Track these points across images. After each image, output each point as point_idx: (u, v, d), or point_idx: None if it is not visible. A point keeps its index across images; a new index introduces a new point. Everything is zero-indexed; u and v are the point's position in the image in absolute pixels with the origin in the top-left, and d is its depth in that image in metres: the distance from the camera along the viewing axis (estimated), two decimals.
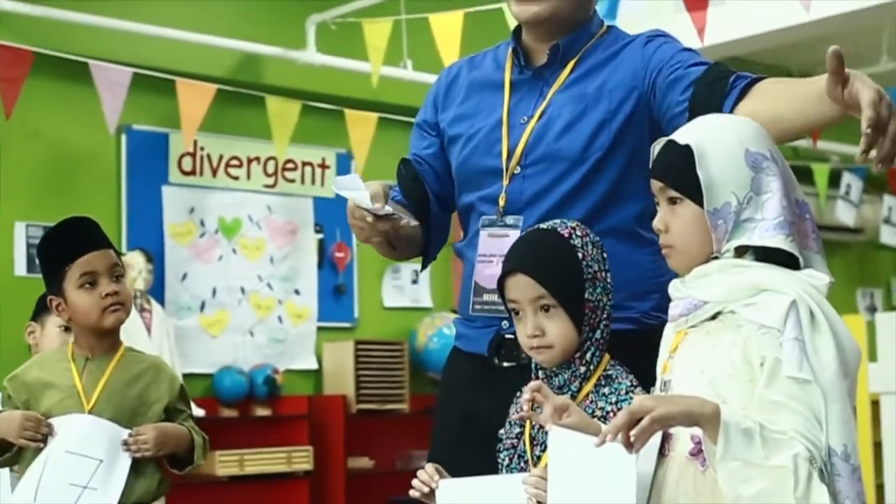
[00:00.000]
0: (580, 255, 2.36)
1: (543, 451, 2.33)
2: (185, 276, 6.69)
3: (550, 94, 2.65)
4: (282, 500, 6.64)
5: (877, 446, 5.52)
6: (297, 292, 7.10)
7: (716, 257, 2.18)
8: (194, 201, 6.75)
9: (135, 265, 6.11)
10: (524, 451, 2.40)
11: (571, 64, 2.66)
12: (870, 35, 7.79)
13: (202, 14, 6.66)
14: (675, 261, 2.23)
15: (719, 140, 2.18)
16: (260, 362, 6.84)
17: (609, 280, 2.40)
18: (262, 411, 6.80)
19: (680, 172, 2.18)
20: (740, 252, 2.16)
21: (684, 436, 2.11)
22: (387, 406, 7.01)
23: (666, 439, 2.14)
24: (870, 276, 10.47)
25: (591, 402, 2.34)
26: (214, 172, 6.83)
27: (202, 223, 6.78)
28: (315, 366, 7.12)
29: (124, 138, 6.48)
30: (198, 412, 5.50)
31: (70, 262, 2.95)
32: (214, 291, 6.79)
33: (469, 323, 2.71)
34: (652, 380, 2.29)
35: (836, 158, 9.07)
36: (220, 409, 6.65)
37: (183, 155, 6.69)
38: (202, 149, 6.73)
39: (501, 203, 2.64)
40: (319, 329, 7.16)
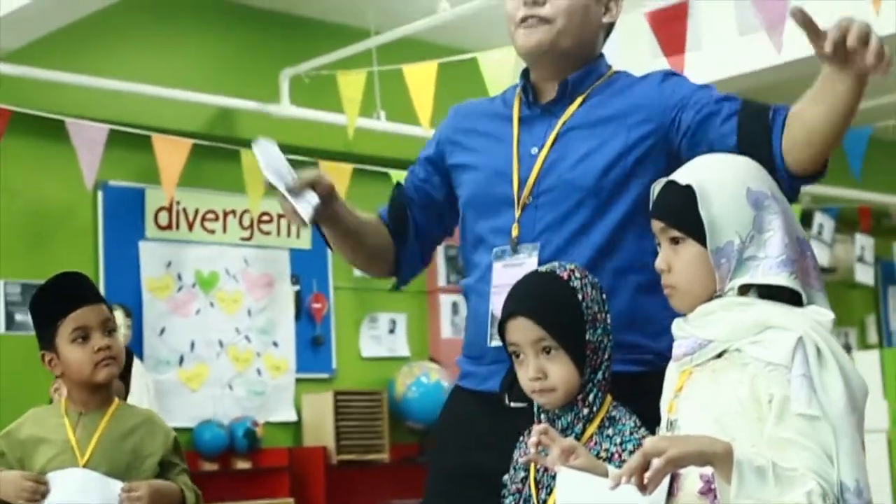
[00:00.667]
0: (580, 297, 2.36)
1: (549, 495, 2.33)
2: (164, 331, 6.70)
3: (559, 126, 2.66)
4: None
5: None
6: (276, 344, 7.11)
7: (719, 296, 2.19)
8: (171, 256, 6.77)
9: None
10: (529, 496, 2.39)
11: (580, 100, 2.67)
12: None
13: (177, 70, 6.72)
14: (678, 300, 2.24)
15: (720, 180, 2.19)
16: (239, 415, 6.85)
17: (609, 321, 2.40)
18: (243, 464, 6.79)
19: (682, 212, 2.19)
20: (743, 290, 2.17)
21: (693, 475, 2.11)
22: (367, 456, 7.01)
23: (674, 478, 2.14)
24: (844, 316, 10.53)
25: (596, 444, 2.33)
26: (191, 226, 6.85)
27: (179, 277, 6.80)
28: (294, 417, 7.13)
29: (101, 194, 6.51)
30: None
31: (63, 317, 2.96)
32: (193, 345, 6.80)
33: (477, 361, 2.68)
34: (659, 421, 2.29)
35: (808, 199, 9.18)
36: (201, 463, 6.64)
37: (159, 210, 6.71)
38: (178, 203, 6.76)
39: (514, 233, 2.64)
40: (298, 380, 7.17)
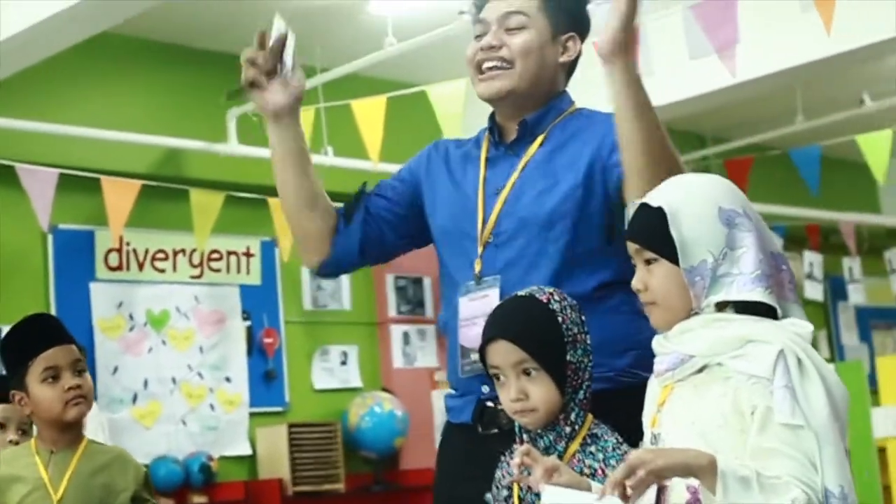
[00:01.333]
0: (560, 319, 2.40)
1: None
2: (117, 370, 6.74)
3: (521, 167, 2.77)
4: None
5: None
6: (228, 380, 7.16)
7: (696, 313, 2.23)
8: (122, 296, 6.82)
9: None
10: None
11: (541, 138, 2.77)
12: (784, 98, 8.08)
13: (124, 113, 6.76)
14: (658, 317, 2.28)
15: (691, 200, 2.24)
16: (194, 450, 6.88)
17: (588, 342, 2.44)
18: (199, 499, 6.81)
19: (654, 234, 2.24)
20: (720, 307, 2.21)
21: (679, 487, 2.14)
22: (323, 487, 7.05)
23: (661, 491, 2.16)
24: None
25: (579, 461, 2.37)
26: (141, 266, 6.91)
27: (131, 317, 6.84)
28: (249, 451, 7.17)
29: (51, 238, 6.54)
30: None
31: (33, 357, 3.01)
32: (146, 383, 6.84)
33: (455, 393, 2.80)
34: (629, 438, 2.34)
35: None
36: (158, 499, 6.66)
37: (109, 251, 6.77)
38: (128, 244, 6.81)
39: (477, 269, 2.74)
40: (252, 415, 7.20)
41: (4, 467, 3.08)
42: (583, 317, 2.46)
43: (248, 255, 7.33)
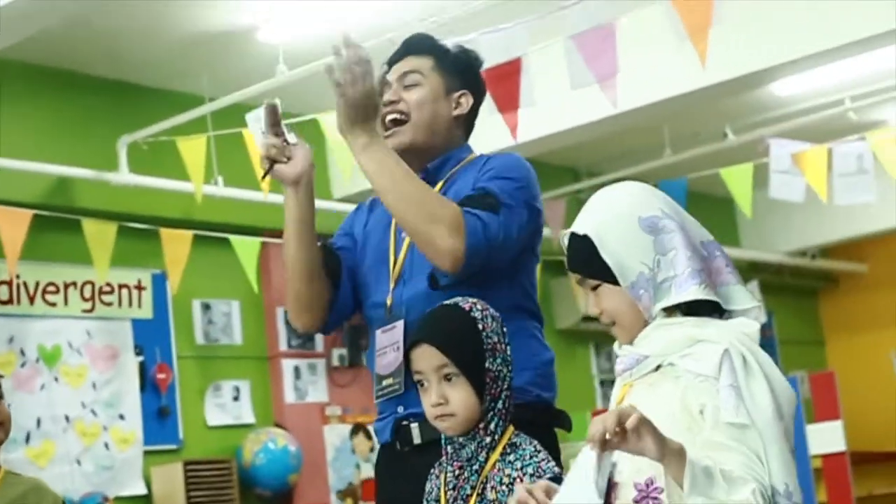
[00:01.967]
0: (480, 327, 2.50)
1: None
2: (9, 408, 6.47)
3: None
4: None
5: None
6: (122, 417, 6.98)
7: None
8: (13, 331, 6.61)
9: None
10: None
11: (440, 185, 2.99)
12: (654, 131, 8.27)
13: (12, 140, 6.55)
14: (622, 336, 2.34)
15: (612, 219, 2.31)
16: (89, 491, 6.70)
17: (509, 353, 2.54)
18: None
19: (589, 262, 2.31)
20: (670, 312, 2.27)
21: (628, 485, 2.19)
22: None
23: (611, 489, 2.20)
24: None
25: (499, 471, 2.47)
26: (32, 300, 6.70)
27: (22, 352, 6.63)
28: (144, 490, 6.99)
29: None
30: None
31: None
32: (39, 422, 6.63)
33: (378, 417, 3.00)
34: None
35: None
36: None
37: None
38: (18, 276, 6.59)
39: (388, 303, 2.97)
40: (146, 453, 7.04)
41: None
42: (504, 328, 2.57)
43: (140, 289, 7.17)
